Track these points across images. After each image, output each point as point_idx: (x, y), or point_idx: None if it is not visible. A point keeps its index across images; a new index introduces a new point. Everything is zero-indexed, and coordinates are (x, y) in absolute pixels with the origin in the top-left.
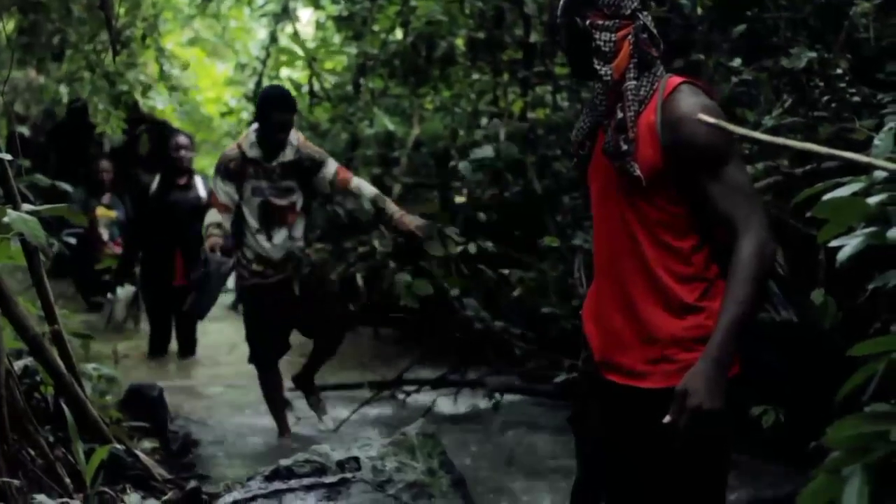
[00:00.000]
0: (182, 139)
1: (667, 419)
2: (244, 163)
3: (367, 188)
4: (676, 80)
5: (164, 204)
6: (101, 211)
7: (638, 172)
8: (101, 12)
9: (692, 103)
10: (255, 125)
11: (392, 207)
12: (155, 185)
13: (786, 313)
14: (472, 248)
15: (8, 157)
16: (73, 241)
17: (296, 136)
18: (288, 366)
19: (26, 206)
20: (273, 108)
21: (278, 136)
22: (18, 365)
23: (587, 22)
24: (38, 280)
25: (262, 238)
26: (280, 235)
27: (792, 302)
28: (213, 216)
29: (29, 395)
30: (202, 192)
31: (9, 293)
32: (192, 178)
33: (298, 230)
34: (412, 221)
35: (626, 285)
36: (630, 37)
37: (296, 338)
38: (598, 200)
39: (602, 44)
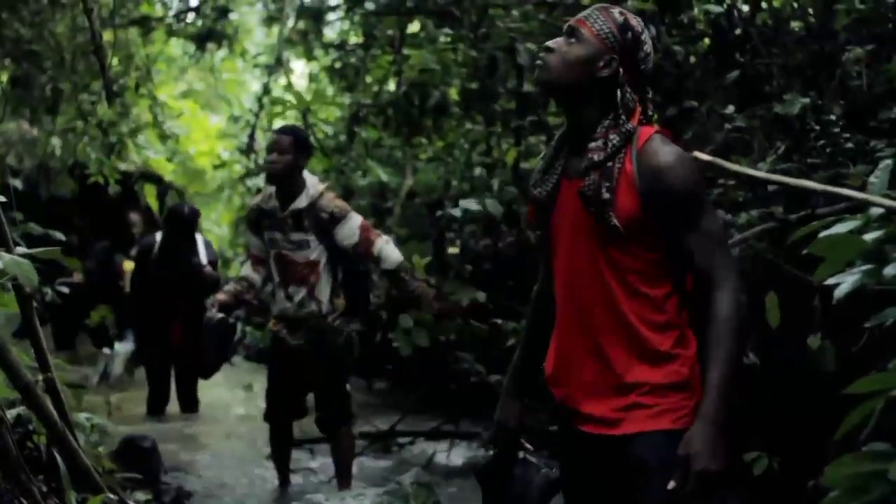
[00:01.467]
0: (189, 208)
1: (671, 486)
2: (260, 214)
3: (392, 255)
4: (649, 130)
5: (165, 271)
6: (128, 265)
7: (615, 222)
8: (95, 62)
9: (668, 152)
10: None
11: (416, 283)
12: (157, 246)
13: (751, 357)
14: (464, 299)
15: (2, 198)
16: (66, 290)
17: (313, 185)
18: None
19: (19, 250)
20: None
21: (268, 180)
22: (11, 414)
23: (621, 73)
24: (31, 328)
25: (280, 294)
26: (299, 294)
27: (785, 346)
28: (243, 269)
29: (22, 444)
30: (203, 254)
31: (2, 341)
32: (194, 245)
33: (322, 291)
34: (436, 304)
35: (597, 336)
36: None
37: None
38: (565, 250)
39: (628, 98)
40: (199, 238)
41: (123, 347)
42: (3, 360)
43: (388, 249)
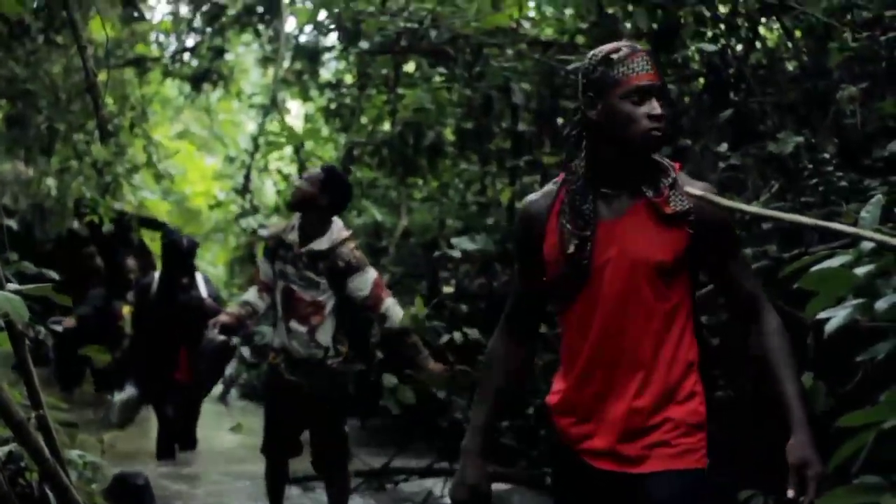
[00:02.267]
0: (187, 240)
1: (790, 494)
2: (278, 244)
3: (397, 314)
4: (676, 165)
5: (165, 304)
6: (127, 309)
7: (677, 254)
8: (90, 101)
9: (705, 186)
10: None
11: (418, 346)
12: (155, 284)
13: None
14: (457, 337)
15: None
16: (58, 328)
17: (338, 230)
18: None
19: (11, 286)
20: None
21: (288, 206)
22: (3, 450)
23: None
24: (24, 365)
25: (282, 327)
26: (300, 331)
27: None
28: (247, 293)
29: (13, 481)
30: (204, 291)
31: None
32: (193, 278)
33: (323, 334)
34: (434, 367)
35: (633, 372)
36: None
37: None
38: (608, 296)
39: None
40: (198, 273)
41: (121, 396)
42: None
43: (394, 310)
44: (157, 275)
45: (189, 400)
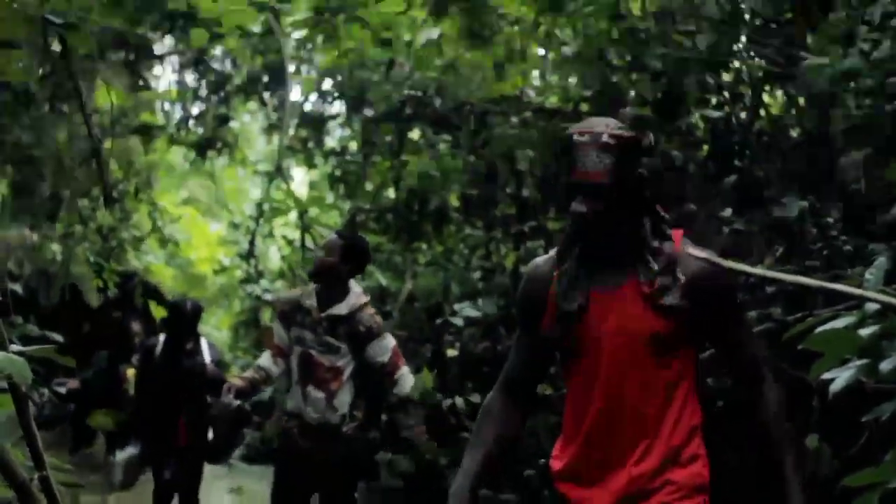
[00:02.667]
0: (191, 303)
1: None
2: (295, 309)
3: (409, 382)
4: (678, 233)
5: (169, 369)
6: (131, 372)
7: (682, 303)
8: (95, 167)
9: (709, 254)
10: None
11: (415, 426)
12: (159, 347)
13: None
14: (459, 402)
15: None
16: (62, 390)
17: (357, 295)
18: None
19: (14, 347)
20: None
21: (309, 277)
22: None
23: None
24: (27, 426)
25: (297, 392)
26: (317, 396)
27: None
28: (261, 358)
29: None
30: (207, 356)
31: None
32: (198, 343)
33: (341, 400)
34: (419, 432)
35: (636, 439)
36: None
37: None
38: (602, 359)
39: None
40: (202, 339)
41: (123, 455)
42: None
43: (408, 378)
44: (161, 338)
45: (189, 463)
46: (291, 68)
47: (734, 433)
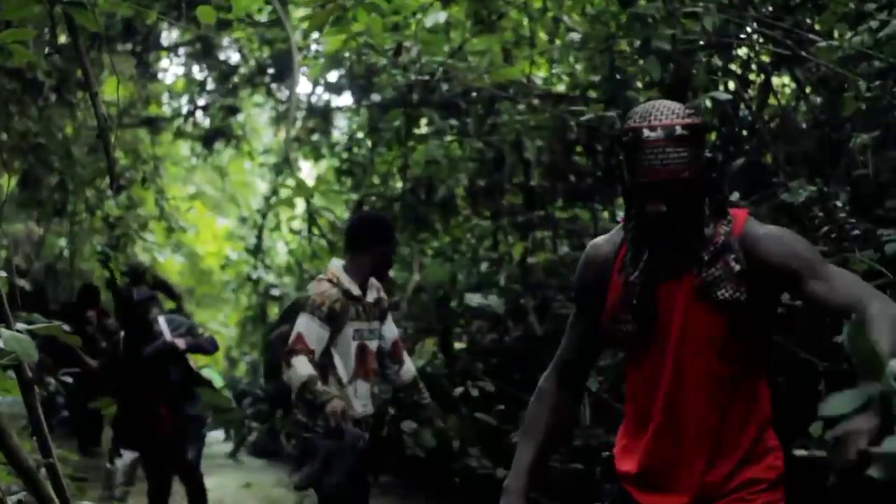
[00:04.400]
0: (137, 293)
1: None
2: (348, 301)
3: (412, 367)
4: (740, 213)
5: (132, 361)
6: None
7: (737, 294)
8: (102, 157)
9: (773, 229)
10: (338, 261)
11: (426, 399)
12: (121, 346)
13: None
14: (473, 391)
15: (3, 273)
16: (69, 380)
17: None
18: None
19: (19, 325)
20: (390, 235)
21: (388, 269)
22: (12, 499)
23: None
24: (33, 412)
25: (350, 391)
26: (363, 390)
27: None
28: (304, 367)
29: None
30: (167, 333)
31: (4, 425)
32: (152, 330)
33: (375, 389)
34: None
35: (702, 447)
36: None
37: None
38: (671, 360)
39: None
40: (161, 320)
41: (123, 460)
42: (4, 445)
43: (410, 360)
44: (122, 335)
45: (180, 456)
46: (299, 57)
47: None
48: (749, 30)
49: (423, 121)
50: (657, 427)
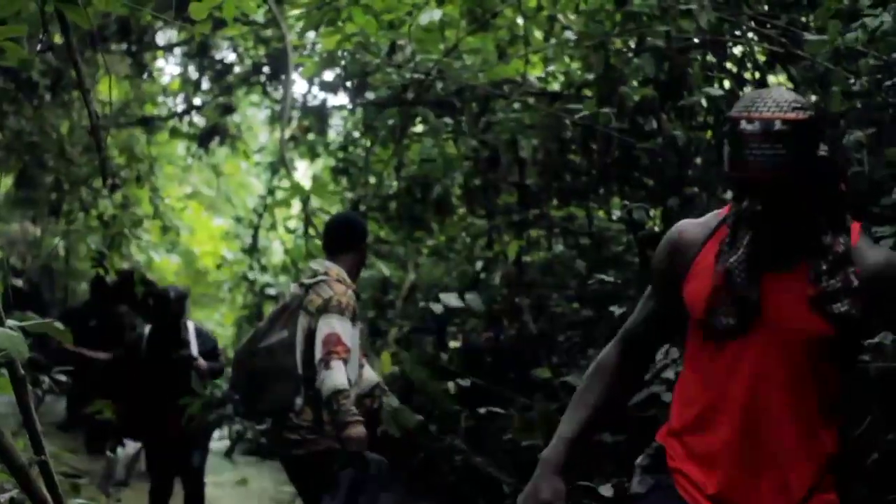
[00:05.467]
0: (174, 291)
1: None
2: (356, 301)
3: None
4: (856, 225)
5: (154, 360)
6: None
7: (853, 311)
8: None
9: (887, 255)
10: (329, 262)
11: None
12: (145, 338)
13: None
14: (465, 382)
15: None
16: (63, 378)
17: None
18: None
19: (10, 322)
20: (366, 235)
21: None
22: (4, 497)
23: None
24: (25, 410)
25: (365, 372)
26: (367, 368)
27: None
28: (343, 374)
29: None
30: (194, 344)
31: None
32: (184, 332)
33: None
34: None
35: (778, 464)
36: None
37: None
38: (756, 355)
39: None
40: (190, 325)
41: (126, 450)
42: None
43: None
44: (146, 329)
45: (187, 460)
46: (293, 56)
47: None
48: (744, 28)
49: (418, 119)
50: (730, 422)
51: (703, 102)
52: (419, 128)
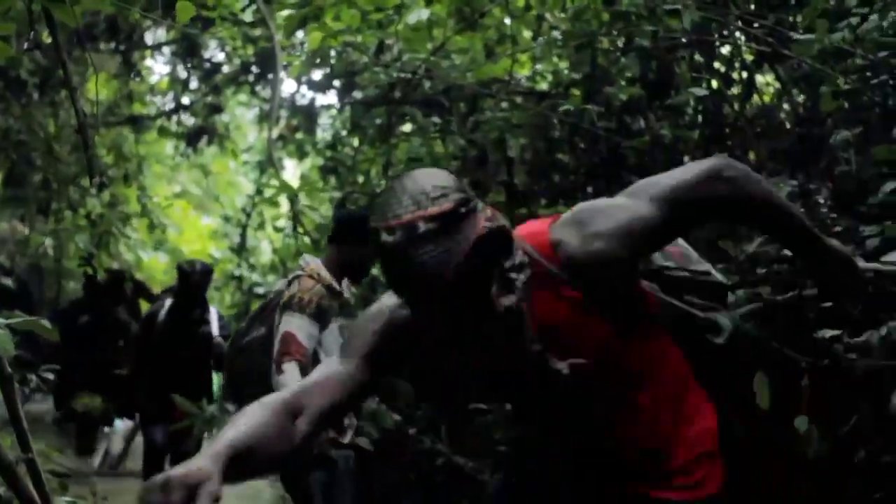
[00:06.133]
0: (200, 264)
1: None
2: (332, 297)
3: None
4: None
5: (173, 336)
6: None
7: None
8: (80, 146)
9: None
10: (312, 258)
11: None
12: (164, 311)
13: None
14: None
15: None
16: (51, 376)
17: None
18: None
19: None
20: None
21: (362, 272)
22: None
23: None
24: (12, 408)
25: None
26: None
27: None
28: (297, 375)
29: None
30: (216, 325)
31: None
32: (206, 311)
33: None
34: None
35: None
36: None
37: None
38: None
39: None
40: (213, 309)
41: (124, 424)
42: None
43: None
44: (167, 302)
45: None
46: (281, 56)
47: None
48: (731, 27)
49: (406, 119)
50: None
51: (691, 102)
52: (407, 127)
